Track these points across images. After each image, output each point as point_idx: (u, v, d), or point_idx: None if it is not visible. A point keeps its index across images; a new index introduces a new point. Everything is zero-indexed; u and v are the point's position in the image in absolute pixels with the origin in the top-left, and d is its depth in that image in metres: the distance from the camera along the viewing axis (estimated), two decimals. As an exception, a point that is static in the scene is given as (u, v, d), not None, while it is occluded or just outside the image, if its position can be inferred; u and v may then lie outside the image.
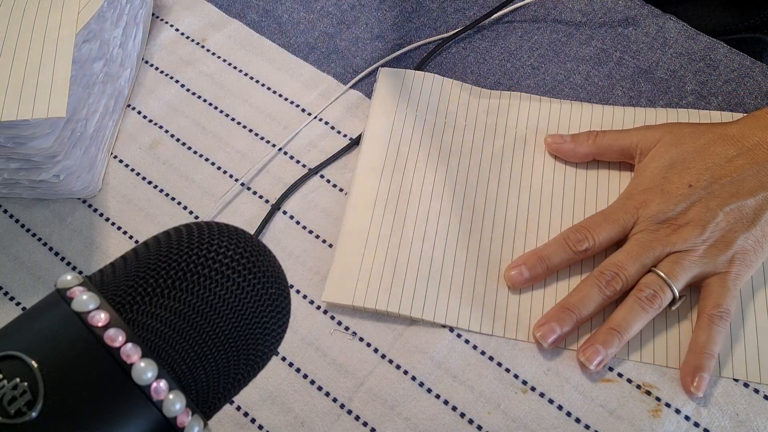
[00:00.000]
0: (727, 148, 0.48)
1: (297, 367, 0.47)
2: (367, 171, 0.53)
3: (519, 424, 0.45)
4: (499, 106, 0.56)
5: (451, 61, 0.60)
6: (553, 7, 0.62)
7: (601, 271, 0.47)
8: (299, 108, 0.58)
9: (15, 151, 0.47)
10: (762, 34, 0.69)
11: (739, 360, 0.46)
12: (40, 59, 0.46)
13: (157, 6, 0.63)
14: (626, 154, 0.51)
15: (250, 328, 0.27)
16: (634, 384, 0.46)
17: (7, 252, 0.53)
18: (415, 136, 0.55)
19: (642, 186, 0.49)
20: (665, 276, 0.45)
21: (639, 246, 0.46)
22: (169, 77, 0.60)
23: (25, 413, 0.22)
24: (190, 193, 0.54)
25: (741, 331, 0.47)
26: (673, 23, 0.60)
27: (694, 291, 0.48)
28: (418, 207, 0.51)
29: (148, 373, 0.23)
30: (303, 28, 0.62)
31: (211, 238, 0.27)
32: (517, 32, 0.61)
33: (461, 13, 0.62)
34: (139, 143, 0.57)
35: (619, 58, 0.59)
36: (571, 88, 0.58)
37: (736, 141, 0.48)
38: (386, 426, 0.45)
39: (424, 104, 0.56)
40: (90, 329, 0.24)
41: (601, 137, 0.52)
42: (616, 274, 0.46)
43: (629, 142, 0.51)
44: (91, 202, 0.54)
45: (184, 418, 0.24)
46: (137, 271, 0.26)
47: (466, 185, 0.53)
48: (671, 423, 0.45)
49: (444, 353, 0.47)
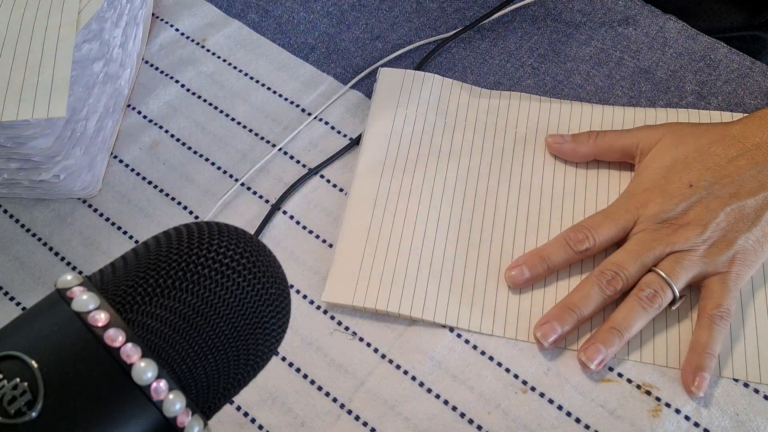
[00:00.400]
0: (728, 148, 0.48)
1: (297, 367, 0.47)
2: (367, 171, 0.53)
3: (519, 424, 0.45)
4: (499, 106, 0.56)
5: (451, 61, 0.60)
6: (553, 7, 0.62)
7: (601, 270, 0.47)
8: (299, 108, 0.58)
9: (15, 151, 0.47)
10: (762, 33, 0.69)
11: (739, 360, 0.46)
12: (40, 59, 0.46)
13: (157, 6, 0.63)
14: (627, 154, 0.51)
15: (250, 328, 0.27)
16: (634, 384, 0.46)
17: (7, 252, 0.53)
18: (415, 136, 0.55)
19: (643, 186, 0.49)
20: (666, 276, 0.45)
21: (639, 245, 0.46)
22: (169, 77, 0.60)
23: (25, 413, 0.22)
24: (190, 193, 0.54)
25: (741, 331, 0.47)
26: (673, 23, 0.60)
27: (694, 291, 0.48)
28: (418, 207, 0.51)
29: (148, 373, 0.23)
30: (303, 28, 0.62)
31: (211, 238, 0.27)
32: (517, 32, 0.61)
33: (461, 13, 0.62)
34: (139, 143, 0.57)
35: (619, 58, 0.59)
36: (571, 88, 0.58)
37: (738, 141, 0.48)
38: (386, 426, 0.45)
39: (424, 104, 0.56)
40: (90, 329, 0.24)
41: (601, 137, 0.52)
42: (617, 273, 0.46)
43: (630, 142, 0.51)
44: (91, 202, 0.54)
45: (184, 418, 0.24)
46: (137, 271, 0.26)
47: (466, 185, 0.53)
48: (671, 423, 0.45)
49: (444, 353, 0.47)
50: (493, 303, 0.49)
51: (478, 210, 0.52)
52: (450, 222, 0.51)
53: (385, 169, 0.53)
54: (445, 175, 0.53)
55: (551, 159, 0.54)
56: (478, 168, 0.53)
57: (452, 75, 0.59)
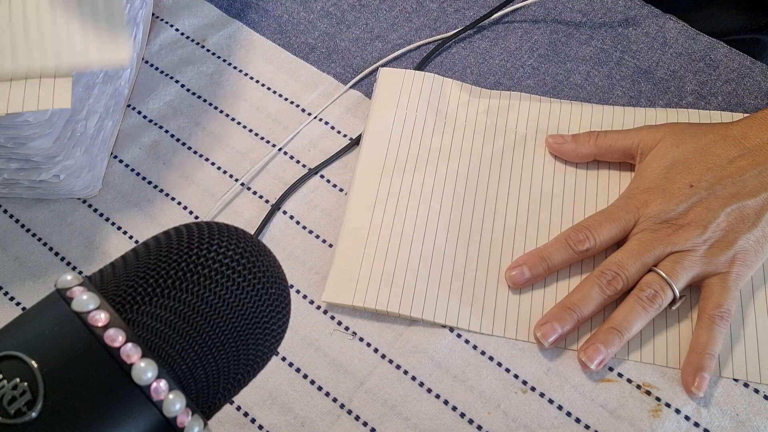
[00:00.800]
0: (728, 148, 0.48)
1: (297, 367, 0.47)
2: (367, 171, 0.53)
3: (519, 424, 0.45)
4: (499, 106, 0.56)
5: (451, 61, 0.60)
6: (553, 7, 0.62)
7: (602, 270, 0.47)
8: (299, 108, 0.58)
9: (15, 151, 0.47)
10: (761, 35, 0.69)
11: (739, 360, 0.46)
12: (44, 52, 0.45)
13: (157, 6, 0.63)
14: (627, 154, 0.51)
15: (250, 328, 0.27)
16: (634, 384, 0.46)
17: (7, 252, 0.53)
18: (415, 136, 0.55)
19: (643, 186, 0.49)
20: (666, 276, 0.45)
21: (640, 245, 0.46)
22: (169, 77, 0.60)
23: (25, 413, 0.22)
24: (190, 193, 0.54)
25: (741, 331, 0.47)
26: (673, 23, 0.60)
27: (694, 291, 0.48)
28: (418, 207, 0.51)
29: (148, 373, 0.23)
30: (303, 28, 0.62)
31: (211, 238, 0.27)
32: (517, 32, 0.61)
33: (461, 13, 0.62)
34: (139, 143, 0.57)
35: (619, 58, 0.59)
36: (571, 88, 0.58)
37: (738, 142, 0.48)
38: (386, 426, 0.45)
39: (424, 104, 0.56)
40: (90, 329, 0.24)
41: (602, 137, 0.52)
42: (617, 273, 0.46)
43: (630, 143, 0.51)
44: (91, 202, 0.54)
45: (184, 418, 0.24)
46: (137, 271, 0.26)
47: (466, 185, 0.53)
48: (671, 423, 0.45)
49: (444, 353, 0.47)
50: (493, 303, 0.49)
51: (478, 210, 0.52)
52: (450, 222, 0.51)
53: (385, 169, 0.53)
54: (445, 175, 0.53)
55: (551, 159, 0.54)
56: (478, 168, 0.53)
57: (452, 75, 0.59)
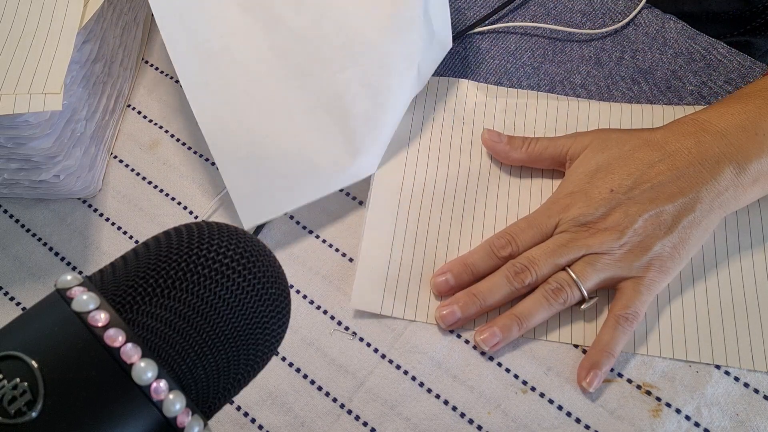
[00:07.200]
0: (650, 153, 0.48)
1: (297, 367, 0.47)
2: (385, 173, 0.53)
3: (519, 424, 0.45)
4: (516, 105, 0.56)
5: (451, 61, 0.60)
6: (553, 7, 0.62)
7: (512, 263, 0.47)
8: (299, 108, 0.58)
9: (15, 151, 0.47)
10: (752, 38, 0.69)
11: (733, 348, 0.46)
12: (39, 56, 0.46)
13: (157, 6, 0.63)
14: (557, 161, 0.52)
15: (250, 328, 0.27)
16: (634, 384, 0.46)
17: (7, 252, 0.53)
18: (435, 138, 0.54)
19: (567, 190, 0.49)
20: (575, 276, 0.46)
21: (555, 245, 0.47)
22: (169, 77, 0.60)
23: (25, 413, 0.22)
24: (190, 193, 0.54)
25: (745, 321, 0.47)
26: (673, 23, 0.60)
27: (696, 290, 0.48)
28: (441, 211, 0.51)
29: (148, 373, 0.23)
30: (303, 28, 0.62)
31: (211, 238, 0.27)
32: (517, 32, 0.61)
33: (461, 13, 0.62)
34: (139, 143, 0.57)
35: (619, 58, 0.59)
36: (571, 88, 0.58)
37: (660, 147, 0.48)
38: (386, 426, 0.45)
39: (441, 106, 0.56)
40: (90, 329, 0.24)
41: (533, 144, 0.52)
42: (527, 267, 0.46)
43: (560, 150, 0.51)
44: (91, 202, 0.54)
45: (184, 418, 0.24)
46: (137, 271, 0.26)
47: (478, 184, 0.52)
48: (671, 423, 0.45)
49: (444, 353, 0.47)
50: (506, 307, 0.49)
51: (490, 209, 0.52)
52: (462, 223, 0.51)
53: (407, 169, 0.53)
54: (457, 174, 0.53)
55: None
56: (489, 170, 0.53)
57: (452, 75, 0.58)
